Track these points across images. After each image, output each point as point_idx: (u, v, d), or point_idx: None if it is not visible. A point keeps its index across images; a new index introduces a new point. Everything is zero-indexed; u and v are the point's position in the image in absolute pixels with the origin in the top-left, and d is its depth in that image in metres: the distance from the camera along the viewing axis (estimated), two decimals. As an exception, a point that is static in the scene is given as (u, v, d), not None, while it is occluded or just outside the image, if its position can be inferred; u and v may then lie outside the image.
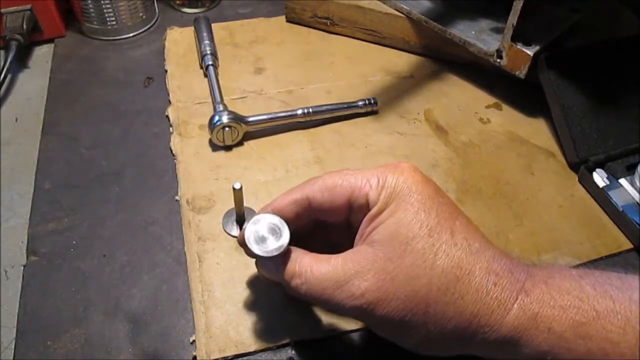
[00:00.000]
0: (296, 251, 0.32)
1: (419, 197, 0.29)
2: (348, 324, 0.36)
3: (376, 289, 0.28)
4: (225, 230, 0.41)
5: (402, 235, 0.28)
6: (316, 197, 0.32)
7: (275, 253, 0.31)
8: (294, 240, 0.32)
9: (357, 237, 0.31)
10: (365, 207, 0.31)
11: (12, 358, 0.34)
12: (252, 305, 0.37)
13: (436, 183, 0.31)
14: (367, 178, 0.31)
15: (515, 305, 0.27)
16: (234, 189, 0.38)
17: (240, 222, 0.42)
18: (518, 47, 0.47)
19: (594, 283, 0.28)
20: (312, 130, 0.50)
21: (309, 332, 0.36)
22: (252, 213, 0.42)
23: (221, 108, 0.48)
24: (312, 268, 0.30)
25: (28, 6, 0.56)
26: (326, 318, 0.37)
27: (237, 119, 0.47)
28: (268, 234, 0.31)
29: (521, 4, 0.44)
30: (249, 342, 0.35)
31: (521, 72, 0.48)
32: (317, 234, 0.35)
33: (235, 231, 0.41)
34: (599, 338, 0.26)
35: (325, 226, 0.35)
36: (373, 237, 0.30)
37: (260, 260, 0.33)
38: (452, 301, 0.28)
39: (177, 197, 0.44)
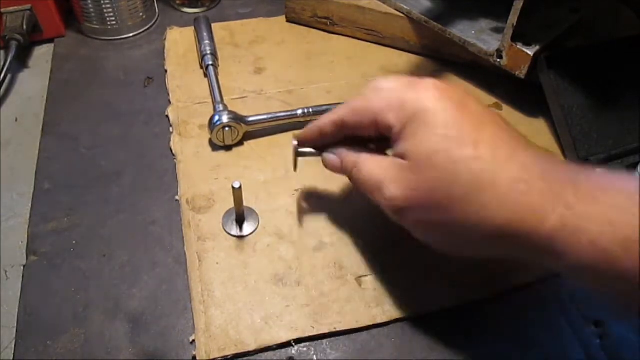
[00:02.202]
0: (356, 149, 0.36)
1: (436, 113, 0.30)
2: (347, 324, 0.36)
3: (401, 196, 0.31)
4: (225, 230, 0.41)
5: (424, 151, 0.30)
6: (347, 118, 0.35)
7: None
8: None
9: (391, 153, 0.34)
10: (390, 128, 0.32)
11: (12, 358, 0.34)
12: (252, 305, 0.37)
13: (462, 93, 0.32)
14: (388, 101, 0.32)
15: (554, 216, 0.27)
16: (233, 188, 0.38)
17: (240, 221, 0.42)
18: (518, 47, 0.47)
19: None
20: (312, 130, 0.50)
21: (309, 331, 0.36)
22: (252, 212, 0.42)
23: (221, 108, 0.48)
24: (366, 161, 0.34)
25: (28, 6, 0.56)
26: (326, 318, 0.37)
27: (237, 119, 0.47)
28: None
29: (521, 4, 0.44)
30: (248, 341, 0.35)
31: (521, 72, 0.48)
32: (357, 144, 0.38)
33: (235, 230, 0.41)
34: None
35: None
36: (401, 152, 0.31)
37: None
38: (475, 211, 0.29)
39: (177, 197, 0.44)
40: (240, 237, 0.41)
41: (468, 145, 0.29)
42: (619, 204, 0.26)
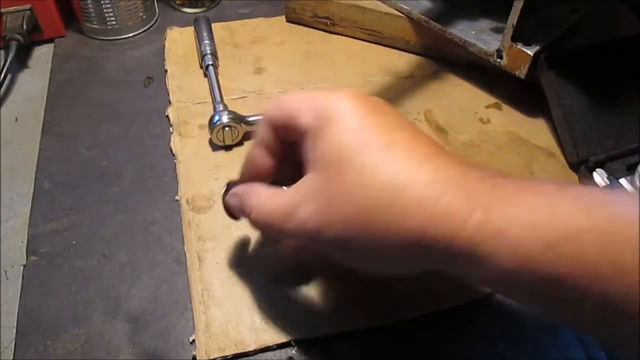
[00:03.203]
0: (256, 186, 0.32)
1: (349, 117, 0.28)
2: (348, 324, 0.36)
3: (317, 213, 0.28)
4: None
5: (336, 155, 0.28)
6: (272, 113, 0.32)
7: None
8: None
9: (303, 167, 0.31)
10: (301, 133, 0.30)
11: (12, 358, 0.34)
12: (252, 304, 0.37)
13: (379, 101, 0.30)
14: (299, 102, 0.30)
15: (472, 220, 0.25)
16: None
17: None
18: (518, 47, 0.47)
19: (573, 198, 0.25)
20: (312, 130, 0.50)
21: (309, 331, 0.36)
22: None
23: (221, 108, 0.48)
24: (269, 199, 0.30)
25: (28, 6, 0.56)
26: (326, 317, 0.37)
27: (237, 118, 0.47)
28: None
29: (521, 4, 0.44)
30: (248, 341, 0.35)
31: (521, 72, 0.48)
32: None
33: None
34: (574, 258, 0.23)
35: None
36: (311, 163, 0.29)
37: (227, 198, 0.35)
38: (395, 217, 0.26)
39: (177, 197, 0.44)
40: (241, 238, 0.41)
41: (382, 147, 0.27)
42: (539, 206, 0.25)
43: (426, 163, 0.27)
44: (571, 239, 0.23)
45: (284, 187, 0.32)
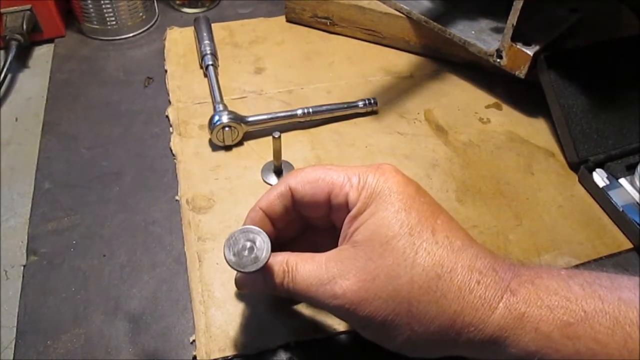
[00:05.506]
0: (281, 254, 0.32)
1: (399, 196, 0.29)
2: (348, 326, 0.36)
3: (357, 288, 0.28)
4: (265, 181, 0.44)
5: (383, 234, 0.28)
6: (298, 188, 0.32)
7: (254, 269, 0.30)
8: (281, 244, 0.33)
9: (340, 238, 0.31)
10: (345, 206, 0.31)
11: (12, 358, 0.34)
12: (252, 305, 0.37)
13: (416, 182, 0.31)
14: (349, 177, 0.31)
15: (501, 304, 0.27)
16: (273, 137, 0.41)
17: (278, 172, 0.45)
18: (518, 47, 0.47)
19: (583, 283, 0.27)
20: (312, 130, 0.50)
21: (309, 332, 0.36)
22: (289, 166, 0.46)
23: (221, 108, 0.48)
24: (297, 266, 0.30)
25: (28, 6, 0.56)
26: (325, 318, 0.37)
27: (237, 119, 0.47)
28: (247, 249, 0.31)
29: (521, 4, 0.44)
30: (248, 342, 0.35)
31: (521, 72, 0.48)
32: (302, 238, 0.36)
33: (274, 180, 0.44)
34: (587, 338, 0.26)
35: (310, 228, 0.35)
36: (355, 237, 0.30)
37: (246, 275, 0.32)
38: (435, 300, 0.27)
39: (177, 197, 0.44)
40: None
41: (427, 231, 0.29)
42: (554, 288, 0.27)
43: (465, 251, 0.29)
44: (584, 321, 0.26)
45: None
